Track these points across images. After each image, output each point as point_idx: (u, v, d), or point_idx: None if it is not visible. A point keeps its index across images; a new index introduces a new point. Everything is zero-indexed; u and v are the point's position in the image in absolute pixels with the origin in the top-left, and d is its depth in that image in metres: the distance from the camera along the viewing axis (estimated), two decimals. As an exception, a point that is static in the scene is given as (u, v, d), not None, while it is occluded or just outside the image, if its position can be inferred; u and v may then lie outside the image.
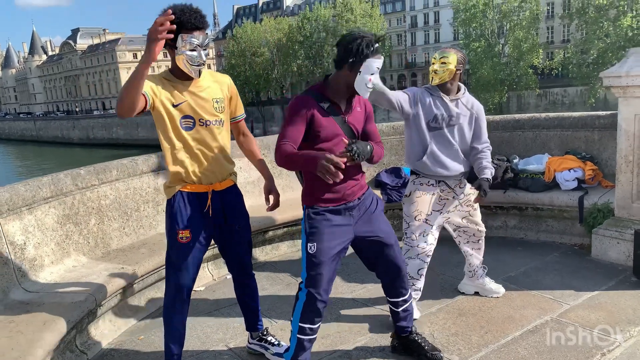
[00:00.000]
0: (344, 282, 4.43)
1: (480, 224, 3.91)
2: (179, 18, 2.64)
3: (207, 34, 2.81)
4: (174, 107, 2.81)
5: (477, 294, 4.06)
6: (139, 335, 3.75)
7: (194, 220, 2.92)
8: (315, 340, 3.41)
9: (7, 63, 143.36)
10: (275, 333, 3.50)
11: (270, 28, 61.68)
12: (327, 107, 2.82)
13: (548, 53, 53.30)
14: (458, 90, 3.68)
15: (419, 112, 3.61)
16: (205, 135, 2.91)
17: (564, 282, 4.19)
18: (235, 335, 3.64)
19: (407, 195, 3.77)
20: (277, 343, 3.36)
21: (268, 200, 3.26)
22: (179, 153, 2.88)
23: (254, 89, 61.59)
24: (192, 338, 3.55)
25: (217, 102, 2.94)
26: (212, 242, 3.12)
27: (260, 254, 5.18)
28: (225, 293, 4.34)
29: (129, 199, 4.45)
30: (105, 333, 3.67)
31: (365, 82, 2.77)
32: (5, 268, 3.39)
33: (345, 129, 2.86)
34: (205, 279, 4.62)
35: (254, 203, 4.89)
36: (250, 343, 3.43)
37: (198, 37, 2.72)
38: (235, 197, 3.14)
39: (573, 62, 43.23)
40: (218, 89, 2.97)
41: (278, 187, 4.76)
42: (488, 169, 3.67)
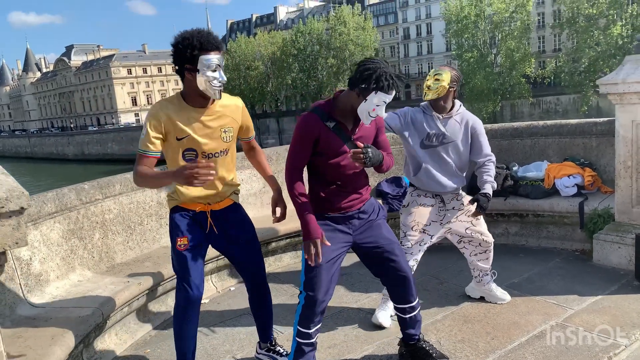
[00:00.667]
0: (349, 291, 4.44)
1: (486, 234, 3.88)
2: (198, 40, 2.70)
3: (223, 54, 2.85)
4: (178, 140, 2.83)
5: (482, 299, 4.08)
6: (146, 349, 3.74)
7: (191, 228, 2.96)
8: (323, 350, 3.45)
9: (1, 80, 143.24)
10: (282, 344, 3.50)
11: (264, 42, 62.06)
12: (332, 126, 2.85)
13: (540, 62, 53.76)
14: (452, 108, 3.70)
15: (412, 131, 3.67)
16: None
17: (567, 287, 4.21)
18: (242, 347, 3.64)
19: (404, 206, 3.82)
20: (285, 353, 3.36)
21: (275, 212, 3.27)
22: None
23: (249, 102, 61.59)
24: (198, 350, 3.52)
25: (225, 131, 2.95)
26: (216, 253, 3.15)
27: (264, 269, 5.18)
28: (230, 305, 4.34)
29: (133, 213, 4.47)
30: (112, 347, 3.66)
31: (369, 110, 2.77)
32: (12, 283, 3.39)
33: (351, 147, 2.87)
34: (210, 292, 4.62)
35: (257, 214, 4.91)
36: (259, 353, 3.43)
37: (217, 57, 2.76)
38: (236, 213, 3.16)
39: (565, 70, 43.56)
40: (229, 116, 2.97)
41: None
42: (489, 184, 3.69)
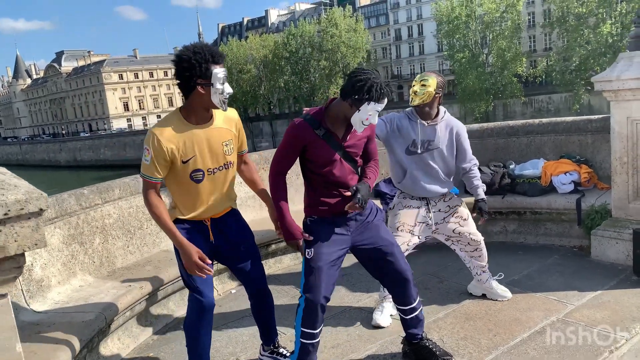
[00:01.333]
0: (350, 292, 4.46)
1: (475, 233, 3.91)
2: (210, 54, 2.70)
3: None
4: (183, 163, 2.81)
5: (484, 297, 4.11)
6: (149, 353, 3.75)
7: (196, 241, 2.91)
8: (326, 350, 3.47)
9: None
10: (285, 345, 3.51)
11: (256, 45, 62.09)
12: (322, 134, 2.88)
13: (531, 61, 54.01)
14: (437, 115, 3.74)
15: (397, 137, 3.71)
16: (213, 182, 2.94)
17: (567, 283, 4.25)
18: (245, 349, 3.66)
19: (391, 208, 3.87)
20: (288, 355, 3.37)
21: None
22: (184, 199, 2.92)
23: (242, 106, 61.68)
24: (202, 353, 3.55)
25: (226, 145, 2.95)
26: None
27: (264, 267, 5.17)
28: (232, 307, 4.35)
29: (132, 217, 4.46)
30: (115, 351, 3.66)
31: (362, 119, 2.82)
32: (14, 290, 3.38)
33: (342, 154, 2.93)
34: (210, 295, 4.62)
35: (256, 217, 4.93)
36: (262, 355, 3.44)
37: (224, 69, 2.79)
38: (235, 219, 3.16)
39: (556, 69, 43.84)
40: (228, 129, 2.97)
41: None
42: (480, 188, 3.84)
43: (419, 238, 3.82)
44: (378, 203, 5.53)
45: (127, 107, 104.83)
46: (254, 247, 3.22)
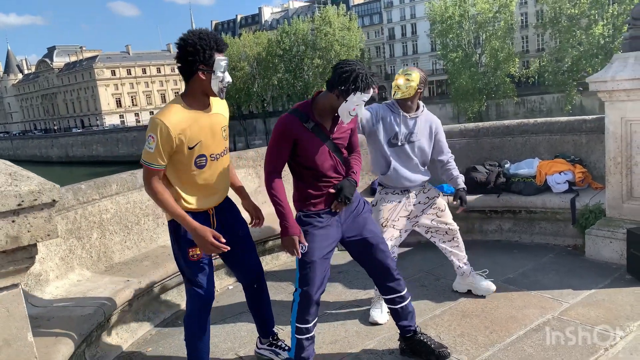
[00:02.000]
0: (347, 288, 4.49)
1: (451, 223, 4.04)
2: (214, 41, 2.72)
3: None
4: (190, 149, 2.82)
5: (470, 293, 4.15)
6: (147, 347, 3.75)
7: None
8: (325, 346, 3.49)
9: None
10: (283, 339, 3.53)
11: (250, 42, 61.94)
12: (311, 127, 2.92)
13: (524, 62, 54.31)
14: (417, 108, 3.84)
15: (380, 129, 3.76)
16: (214, 169, 2.96)
17: (562, 281, 4.29)
18: (244, 344, 3.67)
19: (373, 205, 3.89)
20: (287, 348, 3.39)
21: (257, 218, 3.29)
22: (187, 188, 2.91)
23: (235, 103, 61.55)
24: (200, 348, 3.56)
25: (224, 130, 2.99)
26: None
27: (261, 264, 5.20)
28: (230, 303, 4.36)
29: (130, 213, 4.46)
30: (113, 345, 3.67)
31: (349, 110, 2.87)
32: (12, 283, 3.37)
33: (331, 146, 2.98)
34: (207, 291, 4.62)
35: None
36: (260, 348, 3.46)
37: (227, 58, 2.82)
38: (230, 206, 3.18)
39: (548, 70, 44.09)
40: (222, 114, 3.00)
41: None
42: (460, 178, 3.93)
43: (402, 232, 3.92)
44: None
45: (119, 103, 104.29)
46: (250, 235, 3.24)
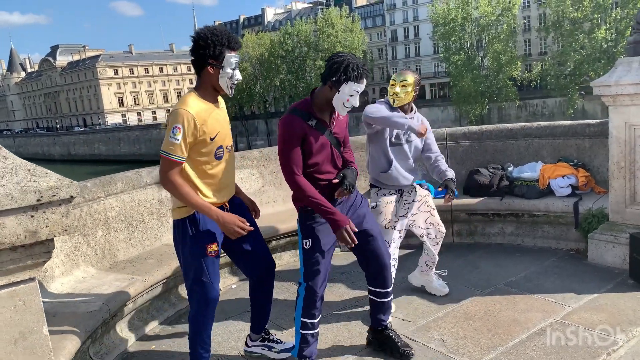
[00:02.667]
0: (349, 289, 4.50)
1: (441, 224, 4.15)
2: (227, 38, 2.79)
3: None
4: (211, 140, 2.87)
5: (481, 298, 4.16)
6: (151, 345, 3.77)
7: (218, 231, 2.95)
8: (328, 346, 3.51)
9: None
10: (286, 339, 3.55)
11: (252, 43, 61.93)
12: (314, 124, 2.99)
13: (526, 65, 54.26)
14: (411, 110, 3.91)
15: (385, 128, 3.81)
16: (228, 161, 3.02)
17: (564, 285, 4.30)
18: (247, 343, 3.68)
19: (373, 207, 3.91)
20: (280, 341, 3.45)
21: (254, 211, 3.37)
22: (206, 182, 2.94)
23: (237, 104, 61.58)
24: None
25: (229, 124, 3.10)
26: None
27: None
28: (233, 302, 4.38)
29: (134, 211, 4.48)
30: (117, 343, 3.68)
31: (343, 101, 2.93)
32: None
33: (332, 140, 3.07)
34: (210, 290, 4.64)
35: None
36: (250, 346, 3.47)
37: (238, 56, 2.88)
38: (238, 200, 3.24)
39: (551, 73, 44.01)
40: (225, 109, 3.08)
41: (279, 197, 4.71)
42: (449, 171, 3.96)
43: (401, 233, 3.99)
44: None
45: (122, 102, 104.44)
46: (256, 226, 3.27)
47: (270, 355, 3.43)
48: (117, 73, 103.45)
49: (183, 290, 4.32)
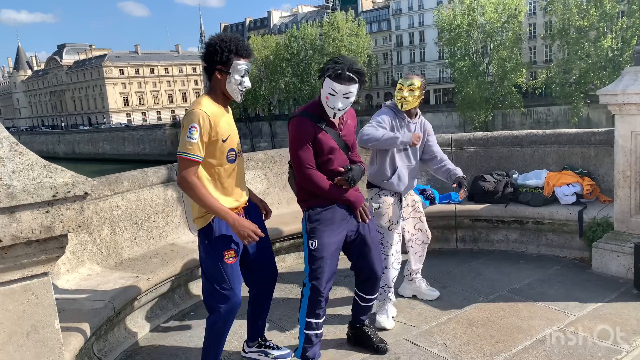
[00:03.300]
0: (353, 293, 4.49)
1: (428, 231, 4.25)
2: (235, 45, 2.82)
3: (251, 62, 2.97)
4: (223, 142, 2.89)
5: (484, 304, 4.16)
6: (155, 343, 3.78)
7: (235, 237, 2.94)
8: (332, 349, 3.51)
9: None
10: (289, 342, 3.57)
11: (258, 45, 62.00)
12: (324, 126, 3.07)
13: (531, 72, 54.23)
14: (416, 114, 3.96)
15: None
16: (240, 164, 3.05)
17: (568, 293, 4.30)
18: (250, 344, 3.68)
19: (376, 209, 3.93)
20: (276, 347, 3.45)
21: (261, 210, 3.36)
22: (221, 186, 2.95)
23: (242, 106, 61.69)
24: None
25: (236, 130, 3.12)
26: None
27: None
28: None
29: (140, 210, 4.50)
30: (121, 340, 3.70)
31: (324, 97, 3.02)
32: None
33: (341, 144, 3.12)
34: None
35: (261, 215, 4.96)
36: (247, 352, 3.47)
37: (247, 64, 2.89)
38: (253, 205, 3.25)
39: (556, 81, 43.90)
40: (232, 117, 3.09)
41: (283, 199, 4.70)
42: (458, 169, 4.01)
43: (400, 235, 4.01)
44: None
45: (127, 102, 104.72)
46: (267, 232, 3.27)
47: None
48: (122, 73, 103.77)
49: (187, 290, 4.34)
